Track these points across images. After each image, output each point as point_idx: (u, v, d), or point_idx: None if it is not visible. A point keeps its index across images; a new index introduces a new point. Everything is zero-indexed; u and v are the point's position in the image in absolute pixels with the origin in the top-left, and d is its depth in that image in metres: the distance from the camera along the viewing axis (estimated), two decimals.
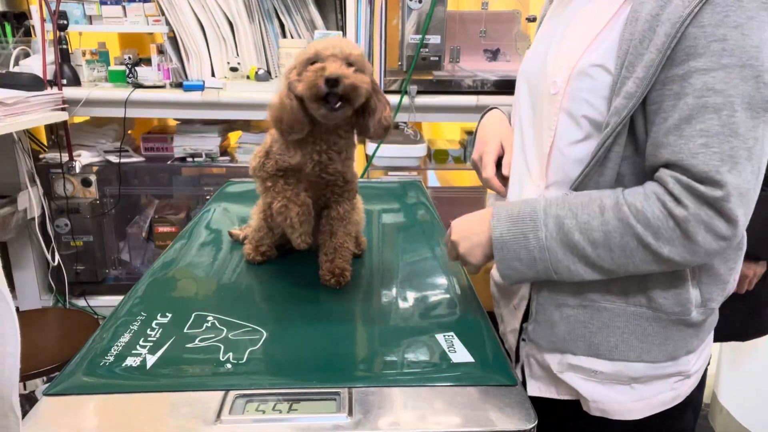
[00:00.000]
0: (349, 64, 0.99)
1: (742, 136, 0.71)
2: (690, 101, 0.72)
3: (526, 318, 0.96)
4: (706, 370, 1.00)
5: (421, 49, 2.27)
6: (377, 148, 2.29)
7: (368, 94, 1.02)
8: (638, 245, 0.76)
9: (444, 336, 0.93)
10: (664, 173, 0.75)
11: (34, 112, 2.07)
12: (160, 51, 2.37)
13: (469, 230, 0.92)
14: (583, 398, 0.91)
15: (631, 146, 0.80)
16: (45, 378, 2.08)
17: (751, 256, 1.55)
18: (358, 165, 1.63)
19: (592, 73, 0.80)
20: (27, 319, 1.89)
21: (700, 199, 0.72)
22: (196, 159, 2.44)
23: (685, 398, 0.94)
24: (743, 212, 0.73)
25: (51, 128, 2.47)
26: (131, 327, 0.95)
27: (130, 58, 2.41)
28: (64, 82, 2.27)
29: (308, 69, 0.98)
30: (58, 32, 2.26)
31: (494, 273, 1.15)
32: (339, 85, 0.95)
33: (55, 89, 2.23)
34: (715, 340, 1.02)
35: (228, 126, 2.55)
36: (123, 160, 2.40)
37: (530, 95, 0.93)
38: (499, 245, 0.85)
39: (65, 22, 2.26)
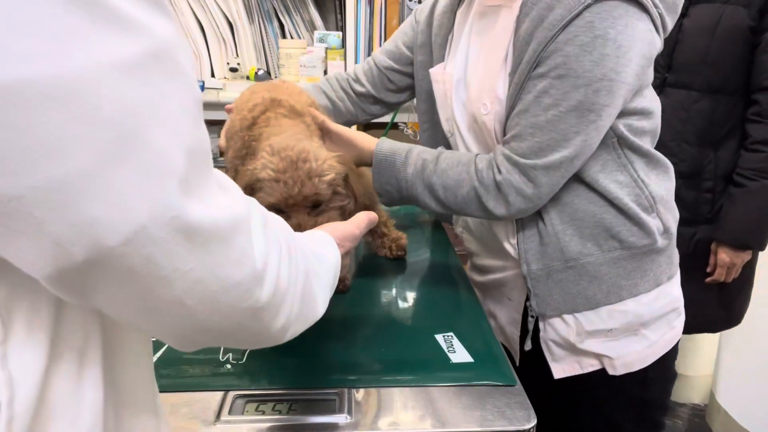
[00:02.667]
0: (317, 203, 0.88)
1: (563, 130, 0.87)
2: (530, 98, 0.89)
3: (525, 308, 1.05)
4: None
5: None
6: None
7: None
8: (475, 196, 0.95)
9: (443, 336, 0.93)
10: (499, 147, 0.94)
11: None
12: None
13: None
14: (608, 359, 1.01)
15: None
16: None
17: (740, 245, 1.57)
18: None
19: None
20: None
21: (516, 168, 0.91)
22: None
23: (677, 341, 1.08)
24: (547, 181, 0.91)
25: None
26: None
27: None
28: None
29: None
30: None
31: (475, 275, 1.18)
32: None
33: None
34: (686, 331, 1.12)
35: None
36: None
37: (467, 113, 1.03)
38: (377, 162, 1.01)
39: None
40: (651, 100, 0.98)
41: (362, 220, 0.76)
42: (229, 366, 0.84)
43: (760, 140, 1.51)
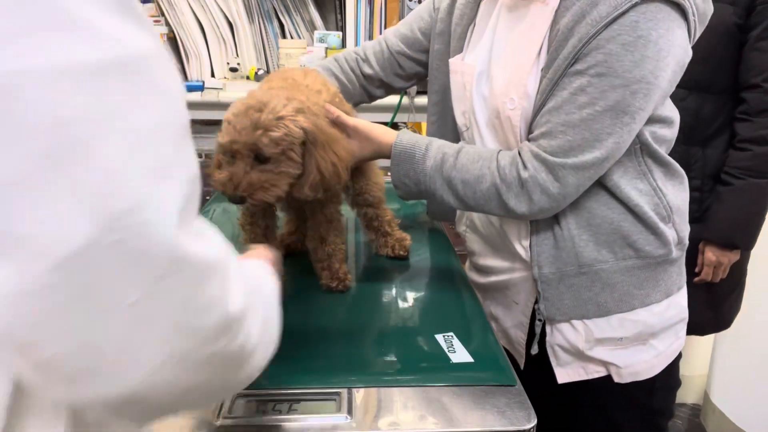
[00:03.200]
0: (262, 158, 0.85)
1: (597, 130, 0.86)
2: (565, 95, 0.87)
3: (533, 312, 1.04)
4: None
5: None
6: None
7: (284, 189, 0.89)
8: (496, 193, 0.92)
9: (443, 336, 0.93)
10: (526, 144, 0.92)
11: None
12: None
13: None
14: (615, 367, 1.01)
15: None
16: None
17: (727, 245, 1.56)
18: None
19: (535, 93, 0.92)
20: None
21: (544, 166, 0.88)
22: None
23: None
24: (575, 182, 0.89)
25: None
26: None
27: None
28: None
29: (218, 170, 0.87)
30: None
31: (476, 276, 1.17)
32: (245, 202, 0.87)
33: None
34: None
35: None
36: None
37: (488, 108, 1.00)
38: (395, 154, 0.99)
39: None
40: (671, 110, 0.98)
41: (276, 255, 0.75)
42: None
43: (748, 138, 1.50)
